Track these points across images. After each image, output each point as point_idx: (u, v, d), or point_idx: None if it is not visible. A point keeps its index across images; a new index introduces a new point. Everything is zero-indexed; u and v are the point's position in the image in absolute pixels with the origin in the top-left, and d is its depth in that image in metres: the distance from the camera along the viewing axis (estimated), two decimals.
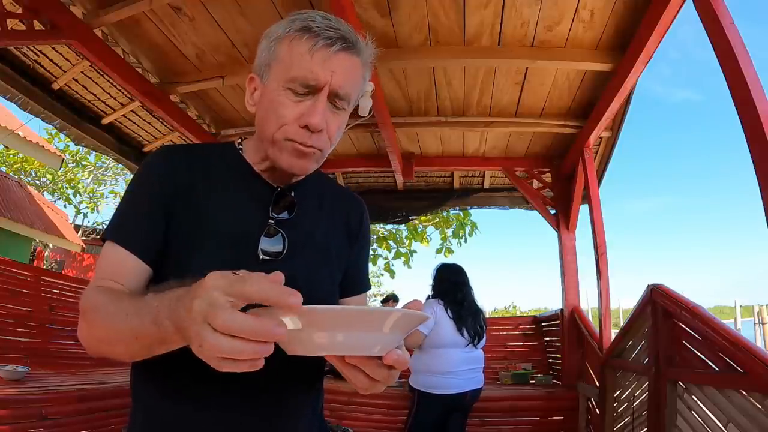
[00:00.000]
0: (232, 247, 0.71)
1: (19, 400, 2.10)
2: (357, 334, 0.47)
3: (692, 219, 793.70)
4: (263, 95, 0.73)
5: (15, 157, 12.31)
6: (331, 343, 0.47)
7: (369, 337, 0.47)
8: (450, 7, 2.27)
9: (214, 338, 0.41)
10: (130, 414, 0.75)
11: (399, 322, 0.48)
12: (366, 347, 0.48)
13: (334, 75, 0.66)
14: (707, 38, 1.64)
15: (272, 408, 0.72)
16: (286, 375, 0.72)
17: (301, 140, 0.68)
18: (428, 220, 8.11)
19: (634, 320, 2.43)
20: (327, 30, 0.66)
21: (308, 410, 0.78)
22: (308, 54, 0.66)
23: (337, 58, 0.67)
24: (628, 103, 2.96)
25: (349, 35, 0.68)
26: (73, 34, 2.37)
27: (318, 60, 0.66)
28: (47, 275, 3.65)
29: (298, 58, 0.66)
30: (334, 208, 0.85)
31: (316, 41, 0.66)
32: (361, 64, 0.72)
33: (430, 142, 3.77)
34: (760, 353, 1.47)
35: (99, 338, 0.60)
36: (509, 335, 4.39)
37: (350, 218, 0.87)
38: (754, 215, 17.94)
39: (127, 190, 0.75)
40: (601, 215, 3.17)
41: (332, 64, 0.66)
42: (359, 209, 0.90)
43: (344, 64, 0.68)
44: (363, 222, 0.89)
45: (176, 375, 0.69)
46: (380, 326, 0.47)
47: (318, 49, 0.66)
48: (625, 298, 21.45)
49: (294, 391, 0.74)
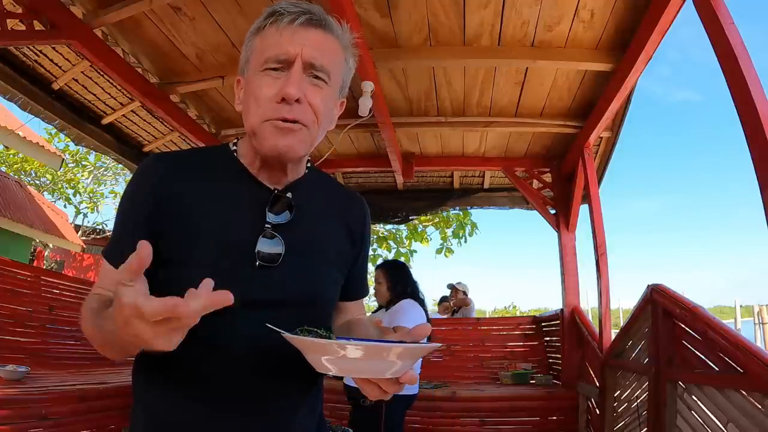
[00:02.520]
0: (227, 253, 0.69)
1: (19, 400, 2.10)
2: (372, 363, 0.55)
3: (692, 219, 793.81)
4: (245, 88, 0.73)
5: (15, 157, 12.31)
6: (348, 369, 0.56)
7: (383, 364, 0.55)
8: (450, 7, 2.27)
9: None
10: (130, 414, 0.75)
11: (408, 353, 0.56)
12: (379, 372, 0.56)
13: (304, 47, 0.67)
14: (707, 39, 1.64)
15: (271, 406, 0.72)
16: (284, 374, 0.72)
17: (280, 115, 0.67)
18: (428, 220, 8.11)
19: (634, 320, 2.43)
20: (291, 7, 0.69)
21: (307, 409, 0.77)
22: (277, 34, 0.68)
23: (306, 32, 0.68)
24: (628, 103, 2.96)
25: (316, 12, 0.69)
26: (73, 34, 2.37)
27: (287, 36, 0.67)
28: (47, 275, 3.64)
29: (268, 41, 0.69)
30: (335, 209, 0.83)
31: (281, 20, 0.68)
32: (339, 45, 0.73)
33: (430, 142, 3.77)
34: (760, 353, 1.47)
35: (91, 338, 0.66)
36: (509, 335, 4.39)
37: (352, 219, 0.85)
38: (754, 215, 17.91)
39: (119, 204, 0.75)
40: (601, 215, 3.17)
41: (300, 37, 0.68)
42: (361, 210, 0.88)
43: (315, 38, 0.69)
44: (365, 224, 0.88)
45: (176, 375, 0.69)
46: (393, 358, 0.55)
47: (284, 26, 0.68)
48: (625, 298, 21.46)
49: (293, 390, 0.74)
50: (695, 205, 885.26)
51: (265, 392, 0.71)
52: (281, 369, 0.72)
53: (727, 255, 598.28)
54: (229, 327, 0.68)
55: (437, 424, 3.32)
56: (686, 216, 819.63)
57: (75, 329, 3.59)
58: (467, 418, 3.30)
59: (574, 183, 3.52)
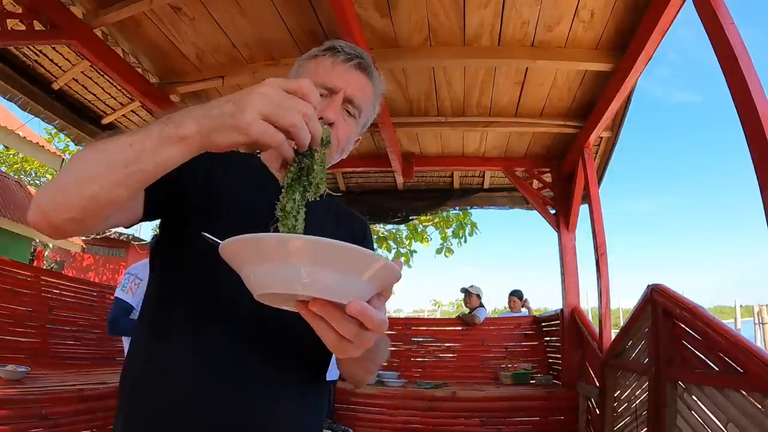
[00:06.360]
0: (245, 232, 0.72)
1: (19, 400, 2.10)
2: (332, 275, 0.43)
3: (692, 219, 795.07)
4: None
5: (15, 157, 12.32)
6: (304, 280, 0.43)
7: (344, 281, 0.44)
8: (450, 7, 2.27)
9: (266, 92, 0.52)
10: (115, 415, 0.74)
11: (379, 272, 0.45)
12: (338, 293, 0.44)
13: (350, 85, 0.77)
14: (706, 40, 1.64)
15: (267, 403, 0.70)
16: (283, 372, 0.72)
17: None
18: (428, 220, 8.11)
19: (634, 320, 2.43)
20: (348, 48, 0.79)
21: (310, 406, 0.76)
22: (331, 66, 0.77)
23: (354, 73, 0.78)
24: (628, 103, 2.96)
25: (365, 59, 0.80)
26: (73, 34, 2.37)
27: (338, 71, 0.77)
28: (47, 275, 3.65)
29: (321, 69, 0.78)
30: (340, 222, 0.89)
31: (338, 56, 0.78)
32: (373, 90, 0.83)
33: (430, 142, 3.77)
34: (760, 353, 1.48)
35: (76, 177, 0.55)
36: (509, 335, 4.40)
37: (354, 230, 0.91)
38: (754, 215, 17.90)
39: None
40: (601, 215, 3.17)
41: (349, 77, 0.77)
42: (362, 224, 0.95)
43: (359, 81, 0.79)
44: (366, 235, 0.93)
45: (170, 370, 0.68)
46: (360, 269, 0.44)
47: (339, 63, 0.77)
48: (625, 298, 21.44)
49: (291, 390, 0.74)
50: (695, 206, 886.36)
51: (260, 386, 0.69)
52: (279, 366, 0.71)
53: (727, 255, 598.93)
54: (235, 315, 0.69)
55: (437, 424, 3.32)
56: (686, 216, 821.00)
57: (75, 329, 3.59)
58: (467, 418, 3.30)
59: (574, 183, 3.52)
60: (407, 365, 4.35)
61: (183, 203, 0.73)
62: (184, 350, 0.68)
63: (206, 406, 0.66)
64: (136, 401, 0.70)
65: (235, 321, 0.69)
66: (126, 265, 13.66)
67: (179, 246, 0.73)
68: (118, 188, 0.54)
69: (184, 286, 0.71)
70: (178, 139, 0.52)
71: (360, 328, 0.47)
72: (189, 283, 0.71)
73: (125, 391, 0.72)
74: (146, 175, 0.54)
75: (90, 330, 3.72)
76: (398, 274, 0.47)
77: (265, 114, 0.51)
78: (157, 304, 0.73)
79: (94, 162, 0.55)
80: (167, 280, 0.74)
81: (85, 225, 0.57)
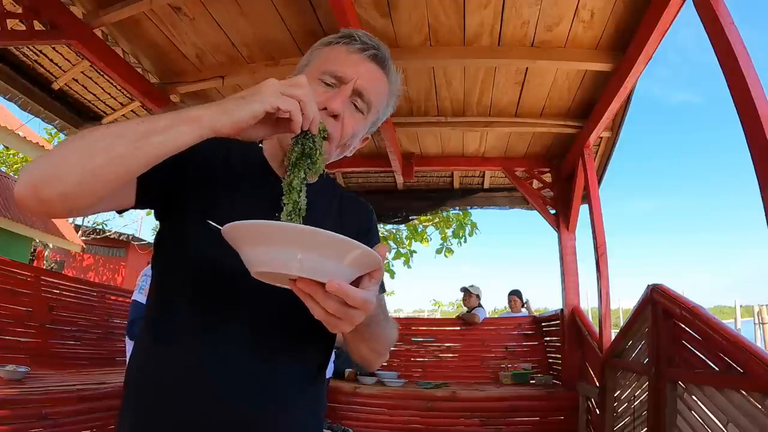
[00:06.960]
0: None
1: (19, 400, 2.10)
2: (316, 258, 0.48)
3: (692, 219, 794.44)
4: None
5: (15, 157, 12.31)
6: (293, 262, 0.49)
7: (326, 264, 0.49)
8: (450, 7, 2.27)
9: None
10: (119, 414, 0.74)
11: (359, 257, 0.50)
12: (320, 273, 0.49)
13: (361, 77, 0.73)
14: (706, 40, 1.64)
15: (265, 402, 0.70)
16: (281, 371, 0.72)
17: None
18: (428, 220, 8.11)
19: (634, 320, 2.43)
20: (365, 38, 0.75)
21: (306, 403, 0.76)
22: (345, 54, 0.74)
23: (368, 64, 0.74)
24: (628, 103, 2.96)
25: (382, 51, 0.76)
26: (73, 34, 2.37)
27: (352, 61, 0.74)
28: (47, 275, 3.65)
29: (334, 55, 0.75)
30: (343, 211, 0.87)
31: (353, 44, 0.75)
32: (387, 86, 0.79)
33: (430, 142, 3.77)
34: (760, 353, 1.47)
35: (79, 149, 0.54)
36: (509, 335, 4.40)
37: (358, 219, 0.89)
38: (754, 215, 17.95)
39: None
40: (601, 215, 3.17)
41: (361, 68, 0.74)
42: (366, 210, 0.92)
43: (372, 73, 0.75)
44: (371, 220, 0.91)
45: (169, 368, 0.68)
46: (341, 254, 0.49)
47: (353, 51, 0.74)
48: (625, 298, 21.43)
49: (296, 386, 0.74)
50: (695, 206, 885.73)
51: (258, 384, 0.69)
52: (277, 366, 0.71)
53: (727, 255, 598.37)
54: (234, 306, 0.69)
55: (437, 424, 3.32)
56: (686, 217, 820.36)
57: (75, 329, 3.59)
58: (467, 418, 3.30)
59: (574, 183, 3.52)
60: (407, 365, 4.34)
61: (182, 193, 0.71)
62: (189, 354, 0.68)
63: (217, 411, 0.66)
64: (143, 408, 0.69)
65: (237, 320, 0.69)
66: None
67: (179, 240, 0.72)
68: (122, 163, 0.53)
69: (184, 285, 0.71)
70: (191, 119, 0.56)
71: (343, 305, 0.51)
72: (189, 282, 0.70)
73: (131, 396, 0.72)
74: (155, 150, 0.55)
75: (90, 330, 3.72)
76: (377, 259, 0.51)
77: (278, 91, 0.58)
78: (159, 304, 0.73)
79: (101, 136, 0.55)
80: (168, 279, 0.74)
81: (75, 204, 0.55)
